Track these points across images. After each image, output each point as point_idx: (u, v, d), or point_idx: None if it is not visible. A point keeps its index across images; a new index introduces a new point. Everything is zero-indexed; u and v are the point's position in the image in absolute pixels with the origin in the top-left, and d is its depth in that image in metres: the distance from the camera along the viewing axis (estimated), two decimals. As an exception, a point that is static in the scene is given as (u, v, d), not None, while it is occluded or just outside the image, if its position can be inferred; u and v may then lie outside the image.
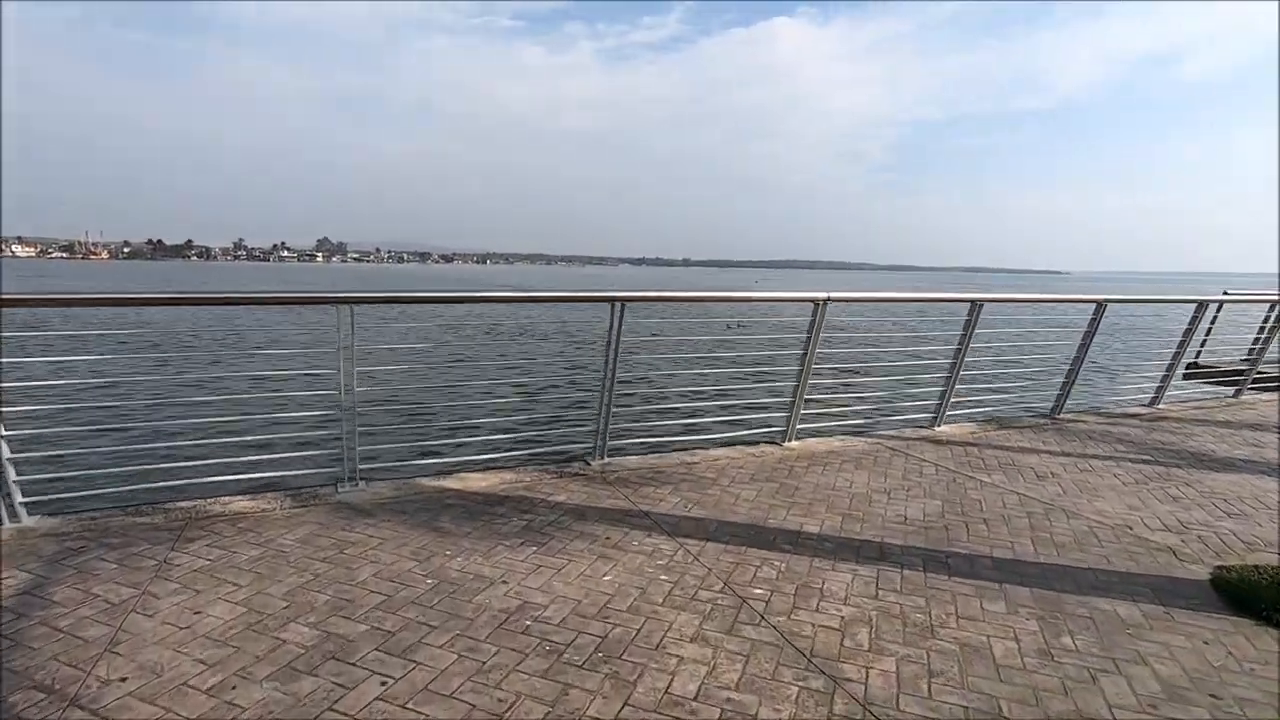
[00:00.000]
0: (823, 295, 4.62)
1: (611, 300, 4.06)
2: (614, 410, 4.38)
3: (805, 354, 4.79)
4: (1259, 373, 7.73)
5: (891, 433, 5.51)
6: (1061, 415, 6.26)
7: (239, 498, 3.68)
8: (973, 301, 5.28)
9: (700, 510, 3.72)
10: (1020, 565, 3.15)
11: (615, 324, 4.16)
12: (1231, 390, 7.70)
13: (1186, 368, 9.74)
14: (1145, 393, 7.17)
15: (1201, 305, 6.71)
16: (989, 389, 6.20)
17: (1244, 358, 9.61)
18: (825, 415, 5.22)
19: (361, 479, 3.94)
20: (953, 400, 5.58)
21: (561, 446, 4.58)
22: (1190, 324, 6.72)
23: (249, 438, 3.94)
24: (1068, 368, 6.21)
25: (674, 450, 4.82)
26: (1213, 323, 9.85)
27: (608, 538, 3.32)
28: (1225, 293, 10.68)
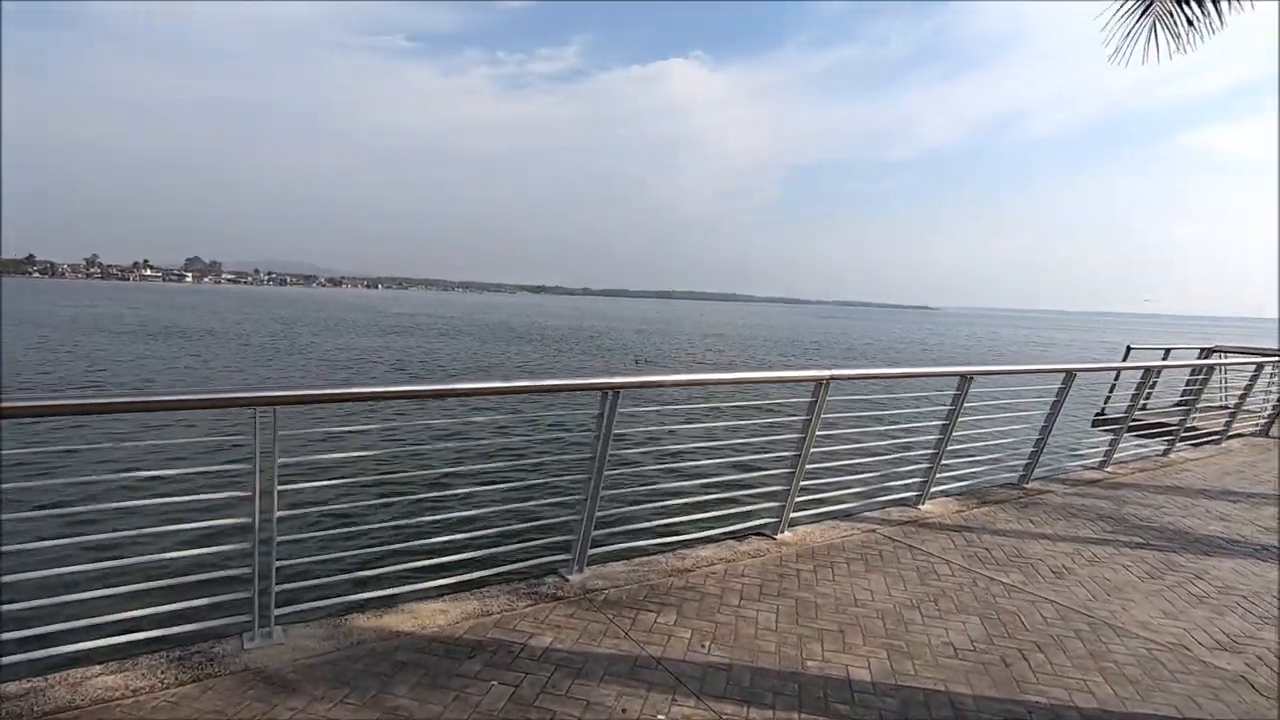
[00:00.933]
0: (826, 374, 4.13)
1: (604, 389, 3.37)
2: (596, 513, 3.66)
3: (804, 437, 4.26)
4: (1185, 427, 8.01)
5: (877, 514, 5.09)
6: (1029, 485, 6.12)
7: (100, 670, 2.65)
8: (962, 375, 4.99)
9: (720, 651, 3.05)
10: (1113, 720, 2.69)
11: (606, 414, 3.45)
12: (1161, 448, 7.90)
13: (1098, 420, 10.14)
14: (1076, 448, 7.26)
15: (1149, 371, 6.83)
16: (959, 461, 5.94)
17: (1139, 408, 10.13)
18: (810, 500, 4.72)
19: (278, 624, 2.99)
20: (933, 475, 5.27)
21: (530, 559, 3.79)
22: (1137, 390, 6.83)
23: (123, 577, 2.92)
24: (1035, 436, 6.08)
25: (657, 551, 4.13)
26: (1117, 378, 10.35)
27: (624, 710, 2.58)
28: (1129, 347, 11.26)
